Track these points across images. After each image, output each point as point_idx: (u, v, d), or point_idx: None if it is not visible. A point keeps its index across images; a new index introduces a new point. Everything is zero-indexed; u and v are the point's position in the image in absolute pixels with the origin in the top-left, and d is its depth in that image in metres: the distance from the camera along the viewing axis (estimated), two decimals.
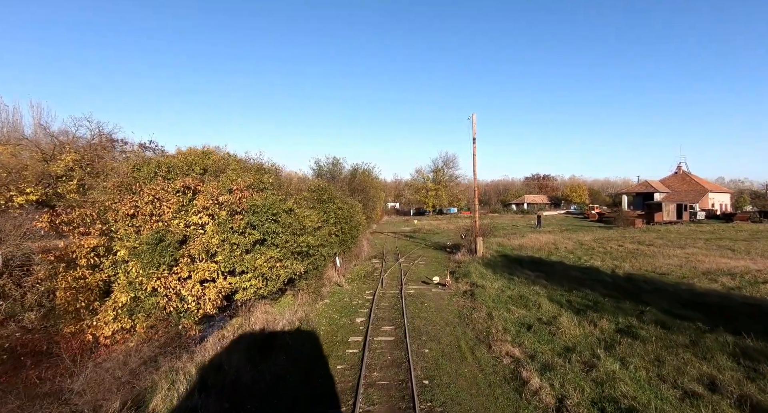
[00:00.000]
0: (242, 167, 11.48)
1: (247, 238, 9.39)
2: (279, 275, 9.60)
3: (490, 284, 12.99)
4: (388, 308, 10.64)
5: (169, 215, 9.47)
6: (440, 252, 22.27)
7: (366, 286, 13.79)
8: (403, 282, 13.93)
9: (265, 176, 10.96)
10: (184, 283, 8.26)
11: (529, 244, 24.95)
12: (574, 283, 13.27)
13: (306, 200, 12.90)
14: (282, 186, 11.86)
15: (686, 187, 54.24)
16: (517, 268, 16.28)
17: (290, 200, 10.23)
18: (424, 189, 63.80)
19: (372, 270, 16.91)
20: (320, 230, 12.58)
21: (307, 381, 6.54)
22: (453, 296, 11.97)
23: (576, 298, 11.20)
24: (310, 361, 7.37)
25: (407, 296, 12.04)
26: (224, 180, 10.14)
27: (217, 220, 9.48)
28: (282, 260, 9.72)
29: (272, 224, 9.63)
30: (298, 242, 9.95)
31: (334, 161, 31.53)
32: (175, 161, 11.88)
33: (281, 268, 9.64)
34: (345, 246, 17.27)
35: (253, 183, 10.30)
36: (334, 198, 16.81)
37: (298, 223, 10.20)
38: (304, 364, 7.23)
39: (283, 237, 9.77)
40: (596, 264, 16.99)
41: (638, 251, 20.99)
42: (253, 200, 9.52)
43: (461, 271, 15.62)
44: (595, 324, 8.72)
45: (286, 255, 9.82)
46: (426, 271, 16.56)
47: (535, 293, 11.71)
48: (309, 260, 10.96)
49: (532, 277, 14.28)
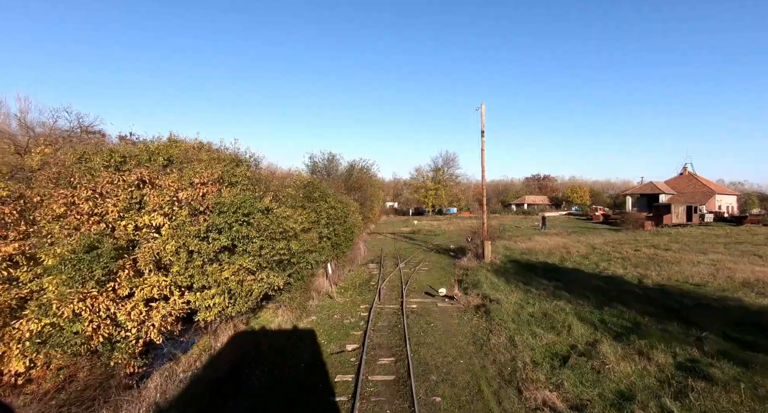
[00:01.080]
0: (214, 158, 9.62)
1: (211, 244, 7.50)
2: (251, 291, 7.72)
3: (505, 298, 11.18)
4: (386, 330, 8.79)
5: (115, 215, 7.55)
6: (443, 256, 20.45)
7: (361, 298, 11.92)
8: (404, 294, 12.09)
9: (240, 168, 9.04)
10: (122, 304, 6.35)
11: (538, 248, 23.25)
12: (601, 295, 11.50)
13: (291, 198, 11.00)
14: (261, 181, 9.97)
15: (692, 188, 52.84)
16: (532, 276, 14.49)
17: (268, 198, 8.34)
18: (423, 188, 62.01)
19: (368, 278, 15.05)
20: (307, 234, 10.70)
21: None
22: (464, 313, 10.13)
23: (610, 317, 9.42)
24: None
25: (409, 312, 10.19)
26: (186, 172, 8.23)
27: (174, 221, 7.57)
28: (255, 272, 7.83)
29: (243, 227, 7.74)
30: (276, 249, 8.07)
31: (330, 156, 29.64)
32: (134, 149, 9.94)
33: (254, 282, 7.76)
34: (338, 250, 15.41)
35: (222, 176, 8.40)
36: (326, 196, 14.93)
37: (278, 225, 8.31)
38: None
39: (257, 243, 7.89)
40: (618, 272, 15.24)
41: (658, 257, 19.32)
42: (219, 197, 7.62)
43: (469, 280, 13.80)
44: (648, 357, 6.92)
45: (261, 265, 7.94)
46: (429, 279, 14.73)
47: (560, 310, 9.91)
48: (291, 270, 9.07)
49: (550, 288, 12.49)
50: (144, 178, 8.18)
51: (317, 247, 10.97)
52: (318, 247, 11.08)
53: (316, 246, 10.73)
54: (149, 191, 7.99)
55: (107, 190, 7.93)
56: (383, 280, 14.26)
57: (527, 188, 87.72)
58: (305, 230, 13.48)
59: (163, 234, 7.52)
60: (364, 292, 12.73)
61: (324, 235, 14.56)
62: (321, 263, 11.31)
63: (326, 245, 14.60)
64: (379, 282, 13.85)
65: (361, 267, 17.46)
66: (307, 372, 6.76)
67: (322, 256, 10.93)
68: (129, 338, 6.13)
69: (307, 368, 6.93)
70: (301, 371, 6.81)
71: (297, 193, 10.52)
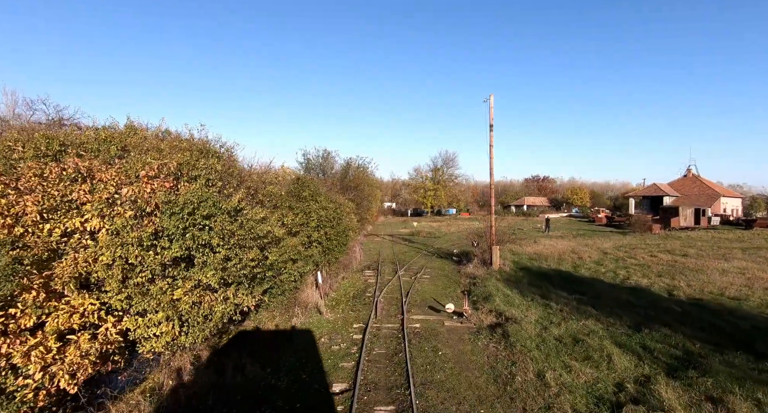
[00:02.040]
0: (176, 147, 7.90)
1: (159, 255, 5.79)
2: (212, 314, 6.02)
3: (522, 315, 9.56)
4: (384, 361, 7.11)
5: (34, 217, 5.82)
6: (446, 262, 18.81)
7: (354, 314, 10.24)
8: (405, 308, 10.42)
9: (209, 159, 7.32)
10: (22, 340, 4.62)
11: (546, 252, 21.71)
12: (632, 313, 9.92)
13: (273, 196, 9.29)
14: (234, 176, 8.26)
15: (697, 191, 51.72)
16: (548, 287, 12.89)
17: (237, 196, 6.63)
18: (422, 189, 60.40)
19: (364, 287, 13.37)
20: (291, 239, 9.00)
21: None
22: (476, 336, 8.47)
23: (653, 342, 7.81)
24: None
25: (412, 334, 8.53)
26: (132, 163, 6.51)
27: (114, 224, 5.86)
28: (218, 290, 6.13)
29: (203, 233, 6.04)
30: (245, 261, 6.37)
31: (325, 153, 27.91)
32: (82, 137, 8.22)
33: (216, 302, 6.06)
34: (330, 256, 13.72)
35: (181, 168, 6.69)
36: (316, 195, 13.24)
37: (250, 230, 6.61)
38: None
39: (221, 253, 6.19)
40: (642, 283, 13.69)
41: (678, 264, 17.84)
42: (171, 194, 5.92)
43: (478, 291, 12.16)
44: (726, 407, 5.31)
45: (226, 281, 6.24)
46: (432, 289, 13.08)
47: (592, 333, 8.31)
48: (268, 285, 7.37)
49: (572, 302, 10.89)
50: (81, 169, 6.45)
51: (303, 255, 9.28)
52: (304, 255, 9.39)
53: (302, 254, 9.05)
54: (85, 185, 6.26)
55: (32, 185, 6.21)
56: (380, 290, 12.59)
57: (526, 190, 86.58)
58: (293, 234, 11.81)
59: (101, 241, 5.81)
60: (359, 306, 11.05)
61: (314, 239, 12.87)
62: (307, 273, 9.61)
63: (316, 251, 12.92)
64: (376, 293, 12.18)
65: (356, 274, 15.77)
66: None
67: (308, 266, 9.23)
68: (25, 390, 4.42)
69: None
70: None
71: (279, 191, 8.80)
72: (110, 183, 6.17)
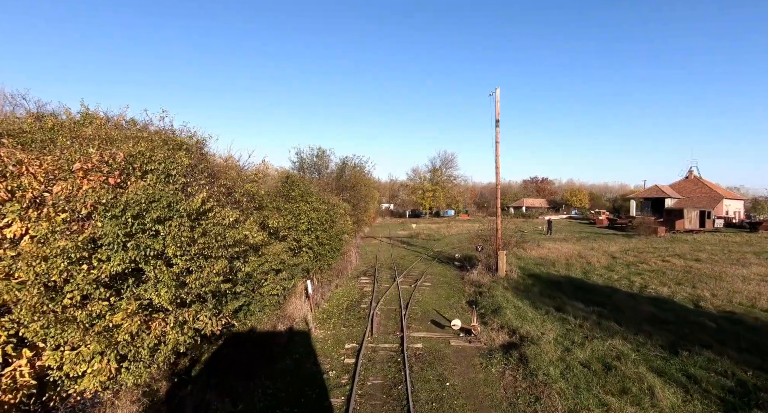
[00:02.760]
0: (132, 137, 6.62)
1: (97, 269, 4.54)
2: (163, 343, 4.75)
3: (538, 331, 8.37)
4: (380, 395, 5.89)
5: None
6: (448, 267, 17.61)
7: (347, 330, 9.00)
8: (405, 323, 9.21)
9: (162, 151, 6.05)
10: None
11: (552, 256, 20.63)
12: (661, 329, 8.78)
13: (252, 196, 8.05)
14: (204, 171, 6.99)
15: (699, 193, 51.01)
16: (561, 298, 11.72)
17: (200, 195, 5.38)
18: (420, 190, 59.23)
19: (359, 297, 12.13)
20: (275, 245, 7.76)
21: None
22: (489, 360, 7.26)
23: (699, 370, 6.65)
24: None
25: (413, 357, 7.31)
26: (69, 154, 5.26)
27: (40, 230, 4.60)
28: (170, 312, 4.88)
29: (154, 241, 4.79)
30: (206, 276, 5.12)
31: (319, 152, 26.65)
32: (19, 125, 6.94)
33: (169, 328, 4.79)
34: (322, 262, 12.48)
35: (132, 161, 5.44)
36: (307, 196, 12.01)
37: (216, 237, 5.37)
38: None
39: (179, 265, 4.95)
40: (663, 292, 12.57)
41: (694, 270, 16.81)
42: (111, 192, 4.67)
43: (486, 302, 10.97)
44: None
45: (184, 300, 4.99)
46: (435, 299, 11.87)
47: (622, 356, 7.14)
48: (241, 302, 6.12)
49: (591, 316, 9.73)
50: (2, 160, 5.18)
51: (289, 264, 8.03)
52: (290, 264, 8.15)
53: (287, 263, 7.81)
54: (6, 181, 4.99)
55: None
56: (377, 301, 11.37)
57: (525, 191, 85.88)
58: (281, 238, 10.58)
59: (24, 250, 4.55)
60: (352, 320, 9.81)
61: (304, 244, 11.63)
62: (291, 286, 8.35)
63: (306, 257, 11.68)
64: (372, 305, 10.95)
65: (351, 281, 14.54)
66: None
67: (294, 278, 7.97)
68: None
69: None
70: None
71: (259, 189, 7.53)
72: (38, 178, 4.91)
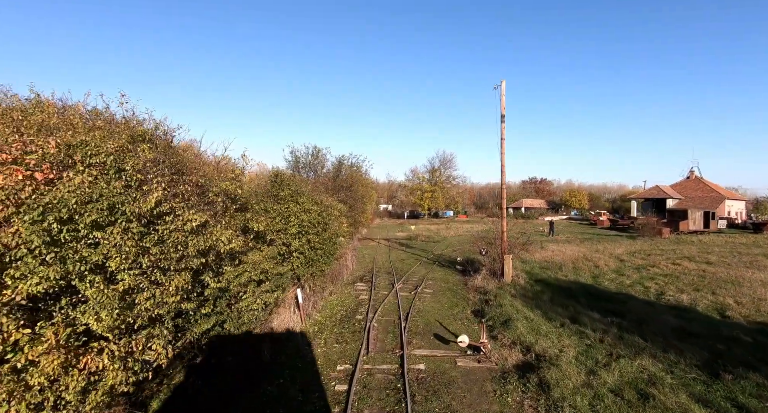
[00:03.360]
0: (97, 128, 5.58)
1: (11, 288, 3.51)
2: (98, 383, 3.73)
3: (556, 349, 7.41)
4: None
5: None
6: (450, 272, 16.64)
7: (340, 347, 7.99)
8: (405, 338, 8.21)
9: (112, 141, 4.99)
10: None
11: (557, 259, 19.73)
12: (692, 344, 7.84)
13: (233, 197, 7.02)
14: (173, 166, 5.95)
15: (700, 193, 50.40)
16: (575, 307, 10.77)
17: (154, 195, 4.36)
18: (419, 191, 58.31)
19: (355, 306, 11.13)
20: (256, 253, 6.73)
21: None
22: (504, 386, 6.28)
23: (749, 398, 5.71)
24: None
25: (415, 382, 6.32)
26: None
27: None
28: (110, 340, 3.87)
29: (91, 252, 3.79)
30: (163, 296, 4.10)
31: (315, 151, 25.62)
32: None
33: (109, 361, 3.77)
34: (314, 268, 11.46)
35: (71, 153, 4.41)
36: (297, 195, 11.01)
37: (176, 245, 4.36)
38: None
39: (126, 280, 3.94)
40: (683, 300, 11.66)
41: (708, 274, 15.94)
42: (34, 191, 3.66)
43: (494, 313, 9.99)
44: None
45: (129, 323, 3.98)
46: (437, 309, 10.89)
47: (655, 379, 6.20)
48: (213, 321, 5.10)
49: (611, 329, 8.78)
50: None
51: (273, 273, 7.01)
52: (274, 273, 7.12)
53: (270, 273, 6.79)
54: None
55: None
56: (374, 311, 10.37)
57: (524, 192, 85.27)
58: (269, 243, 9.57)
59: None
60: (346, 334, 8.81)
61: (294, 249, 10.62)
62: (274, 300, 7.32)
63: (297, 263, 10.68)
64: (369, 315, 9.95)
65: (347, 288, 13.54)
66: None
67: (276, 291, 6.93)
68: None
69: None
70: None
71: (236, 187, 6.48)
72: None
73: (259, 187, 12.25)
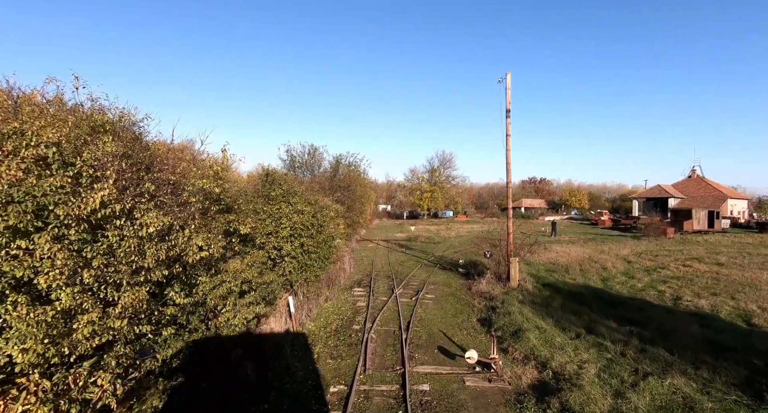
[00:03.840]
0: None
1: None
2: None
3: (575, 365, 6.65)
4: None
5: None
6: (452, 275, 15.88)
7: (334, 363, 7.20)
8: (406, 353, 7.43)
9: (56, 129, 4.15)
10: None
11: (563, 261, 19.06)
12: (724, 358, 7.09)
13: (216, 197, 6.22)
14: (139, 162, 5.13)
15: (703, 192, 49.85)
16: (589, 314, 10.02)
17: (99, 194, 3.54)
18: (418, 191, 57.56)
19: (352, 315, 10.33)
20: (235, 262, 5.92)
21: None
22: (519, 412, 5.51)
23: None
24: None
25: (419, 408, 5.54)
26: None
27: None
28: (38, 377, 3.04)
29: (11, 265, 2.96)
30: (105, 321, 3.29)
31: (311, 149, 24.82)
32: None
33: (34, 405, 2.95)
34: (308, 273, 10.67)
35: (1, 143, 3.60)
36: (289, 195, 10.22)
37: (130, 255, 3.55)
38: None
39: (63, 301, 3.13)
40: (702, 305, 10.92)
41: (722, 277, 15.26)
42: None
43: (503, 322, 9.21)
44: None
45: (69, 355, 3.16)
46: (440, 317, 10.11)
47: (691, 403, 5.44)
48: (182, 344, 4.30)
49: (632, 340, 8.01)
50: None
51: (256, 283, 6.21)
52: (258, 282, 6.32)
53: (254, 283, 5.99)
54: None
55: None
56: (372, 320, 9.58)
57: (523, 192, 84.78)
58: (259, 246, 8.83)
59: None
60: (341, 347, 8.01)
61: (286, 253, 9.83)
62: (261, 312, 6.50)
63: (290, 268, 9.89)
64: (366, 325, 9.16)
65: (344, 293, 12.74)
66: None
67: (259, 304, 6.08)
68: None
69: None
70: None
71: (213, 187, 5.65)
72: None
73: (249, 186, 11.46)
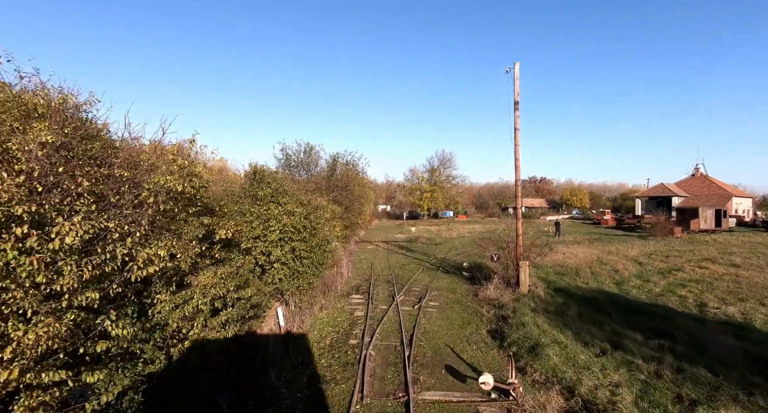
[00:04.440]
0: None
1: None
2: None
3: (605, 389, 5.72)
4: None
5: None
6: (456, 279, 14.94)
7: (327, 388, 6.23)
8: (410, 375, 6.48)
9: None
10: None
11: (571, 263, 18.15)
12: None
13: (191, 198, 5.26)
14: (84, 153, 4.18)
15: (707, 191, 49.08)
16: (610, 324, 9.08)
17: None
18: (418, 191, 56.61)
19: (348, 326, 9.38)
20: (207, 273, 4.95)
21: None
22: None
23: None
24: None
25: None
26: None
27: None
28: None
29: None
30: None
31: (307, 148, 23.84)
32: None
33: None
34: (300, 281, 9.71)
35: None
36: (279, 195, 9.26)
37: (33, 274, 2.58)
38: None
39: None
40: (732, 313, 10.04)
41: (742, 279, 14.43)
42: None
43: (517, 335, 8.26)
44: None
45: None
46: (446, 329, 9.16)
47: None
48: (120, 386, 3.33)
49: (665, 356, 7.09)
50: None
51: (231, 298, 5.25)
52: (233, 298, 5.36)
53: (227, 298, 5.04)
54: None
55: None
56: (371, 333, 8.62)
57: (524, 191, 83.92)
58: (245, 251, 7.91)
59: None
60: (336, 367, 7.05)
61: (275, 259, 8.88)
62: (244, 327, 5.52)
63: (281, 275, 8.93)
64: (365, 339, 8.20)
65: (340, 301, 11.78)
66: None
67: (234, 323, 5.08)
68: None
69: None
70: None
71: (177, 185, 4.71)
72: None
73: (235, 186, 10.50)
